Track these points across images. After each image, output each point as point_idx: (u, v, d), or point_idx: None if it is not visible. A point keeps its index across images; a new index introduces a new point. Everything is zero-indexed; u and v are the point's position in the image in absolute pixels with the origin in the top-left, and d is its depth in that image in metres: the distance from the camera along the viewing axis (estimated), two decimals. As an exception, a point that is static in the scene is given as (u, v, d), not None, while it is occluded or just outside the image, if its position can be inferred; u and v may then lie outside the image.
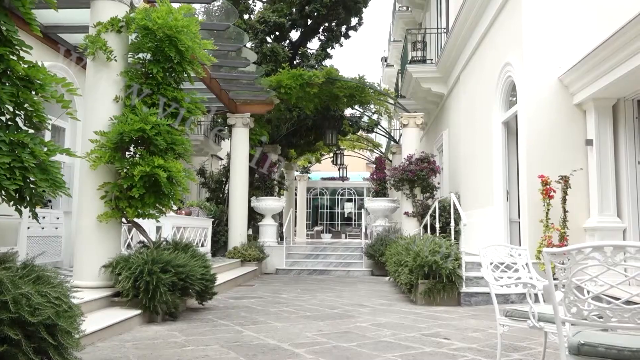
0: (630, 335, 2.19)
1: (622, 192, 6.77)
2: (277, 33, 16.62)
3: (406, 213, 11.32)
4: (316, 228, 26.15)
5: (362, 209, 16.89)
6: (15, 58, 3.30)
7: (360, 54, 71.51)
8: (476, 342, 4.62)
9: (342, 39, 17.80)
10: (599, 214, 6.77)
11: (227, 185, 13.23)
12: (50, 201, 8.03)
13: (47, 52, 7.81)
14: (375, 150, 22.82)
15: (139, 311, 5.17)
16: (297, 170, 23.16)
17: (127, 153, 5.75)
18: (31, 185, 3.35)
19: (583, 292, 2.15)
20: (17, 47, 3.30)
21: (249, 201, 12.40)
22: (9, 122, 3.34)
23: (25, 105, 3.38)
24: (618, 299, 2.06)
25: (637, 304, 2.00)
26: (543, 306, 3.24)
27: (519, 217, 7.72)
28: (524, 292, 3.15)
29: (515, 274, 3.47)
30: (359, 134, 20.31)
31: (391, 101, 14.54)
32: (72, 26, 7.57)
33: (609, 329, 2.28)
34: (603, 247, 1.97)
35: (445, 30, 12.70)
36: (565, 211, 6.67)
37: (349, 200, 28.03)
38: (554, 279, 2.23)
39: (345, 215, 27.98)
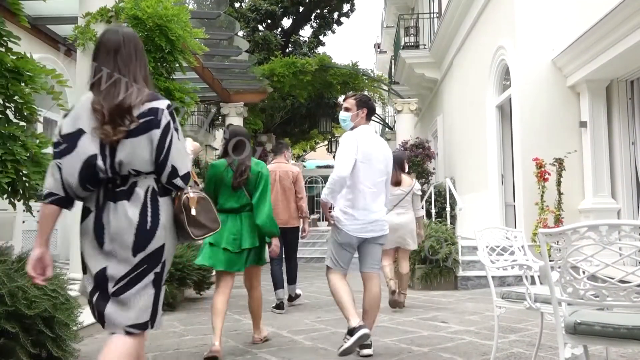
0: (626, 314, 2.20)
1: (616, 173, 6.79)
2: (268, 21, 16.52)
3: (402, 199, 11.34)
4: (312, 216, 26.18)
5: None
6: (3, 50, 3.25)
7: (353, 41, 71.20)
8: (473, 324, 4.65)
9: (335, 25, 17.72)
10: (594, 195, 6.80)
11: (222, 176, 13.20)
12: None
13: (36, 44, 7.72)
14: (369, 137, 22.77)
15: (137, 302, 5.16)
16: (292, 159, 23.15)
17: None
18: (24, 178, 3.33)
19: (579, 272, 2.16)
20: (5, 39, 3.25)
21: (245, 191, 12.37)
22: (0, 115, 3.31)
23: (15, 97, 3.35)
24: (614, 278, 2.07)
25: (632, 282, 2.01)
26: (539, 287, 3.26)
27: (514, 201, 7.74)
28: (520, 275, 3.16)
29: (511, 256, 3.48)
30: (353, 121, 20.24)
31: (385, 87, 14.50)
32: (61, 17, 7.48)
33: (605, 308, 2.30)
34: (598, 227, 1.97)
35: (437, 15, 12.64)
36: (560, 193, 6.69)
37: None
38: (550, 260, 2.23)
39: (341, 203, 27.96)
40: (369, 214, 3.60)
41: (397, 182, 5.42)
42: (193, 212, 2.06)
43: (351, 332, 3.39)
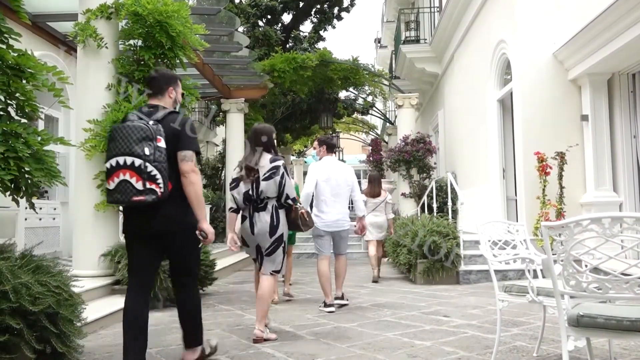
0: (629, 306, 2.21)
1: (618, 166, 6.78)
2: (269, 16, 16.46)
3: (403, 194, 11.33)
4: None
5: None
6: (4, 46, 3.25)
7: (354, 36, 71.05)
8: (476, 318, 4.66)
9: (335, 20, 17.63)
10: (595, 189, 6.79)
11: (223, 172, 13.20)
12: (46, 192, 7.99)
13: (37, 42, 7.72)
14: (371, 132, 22.76)
15: (139, 298, 5.18)
16: (293, 155, 23.11)
17: (121, 141, 5.70)
18: (26, 175, 3.32)
19: (581, 265, 2.16)
20: (5, 36, 3.25)
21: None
22: (1, 112, 3.31)
23: (17, 94, 3.34)
24: (616, 270, 2.07)
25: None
26: (542, 281, 3.27)
27: (515, 195, 7.74)
28: (522, 269, 3.17)
29: (513, 250, 3.48)
30: (354, 116, 20.24)
31: (386, 82, 14.48)
32: (62, 14, 7.47)
33: (608, 301, 2.30)
34: (601, 219, 1.97)
35: (438, 9, 12.60)
36: (561, 187, 6.69)
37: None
38: (552, 253, 2.24)
39: (343, 199, 27.95)
40: (331, 215, 5.35)
41: (378, 194, 7.66)
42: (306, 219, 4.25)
43: (325, 304, 5.28)
